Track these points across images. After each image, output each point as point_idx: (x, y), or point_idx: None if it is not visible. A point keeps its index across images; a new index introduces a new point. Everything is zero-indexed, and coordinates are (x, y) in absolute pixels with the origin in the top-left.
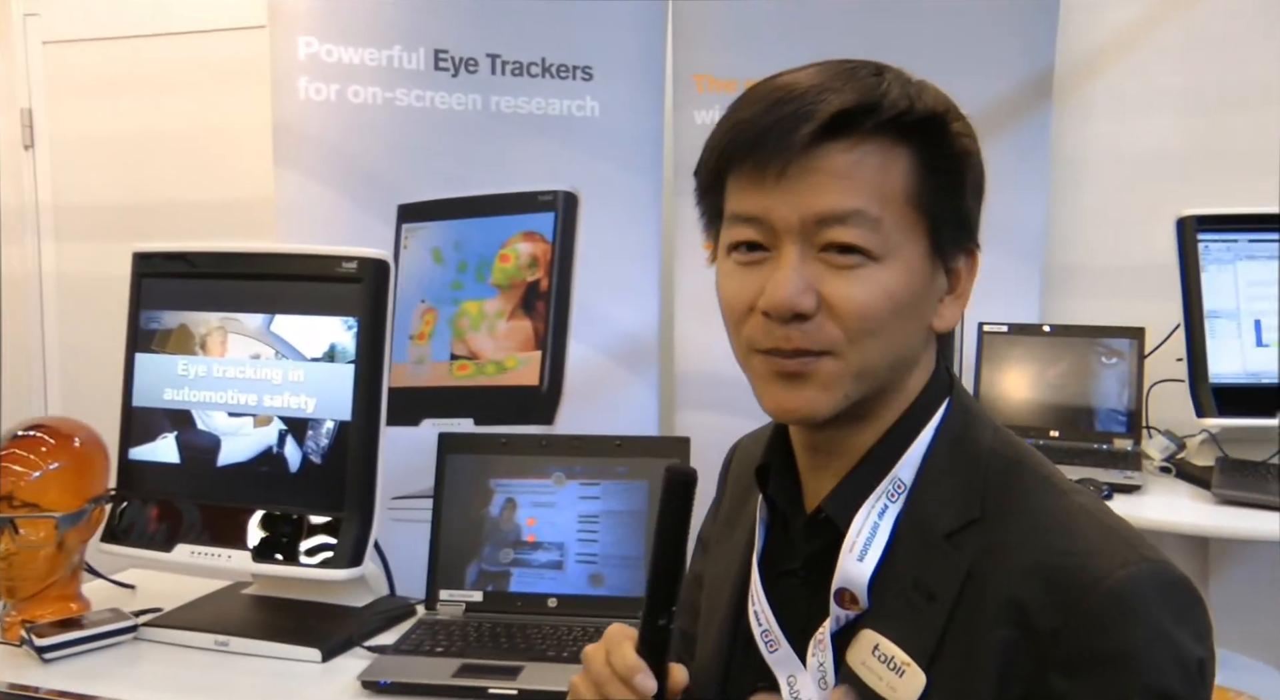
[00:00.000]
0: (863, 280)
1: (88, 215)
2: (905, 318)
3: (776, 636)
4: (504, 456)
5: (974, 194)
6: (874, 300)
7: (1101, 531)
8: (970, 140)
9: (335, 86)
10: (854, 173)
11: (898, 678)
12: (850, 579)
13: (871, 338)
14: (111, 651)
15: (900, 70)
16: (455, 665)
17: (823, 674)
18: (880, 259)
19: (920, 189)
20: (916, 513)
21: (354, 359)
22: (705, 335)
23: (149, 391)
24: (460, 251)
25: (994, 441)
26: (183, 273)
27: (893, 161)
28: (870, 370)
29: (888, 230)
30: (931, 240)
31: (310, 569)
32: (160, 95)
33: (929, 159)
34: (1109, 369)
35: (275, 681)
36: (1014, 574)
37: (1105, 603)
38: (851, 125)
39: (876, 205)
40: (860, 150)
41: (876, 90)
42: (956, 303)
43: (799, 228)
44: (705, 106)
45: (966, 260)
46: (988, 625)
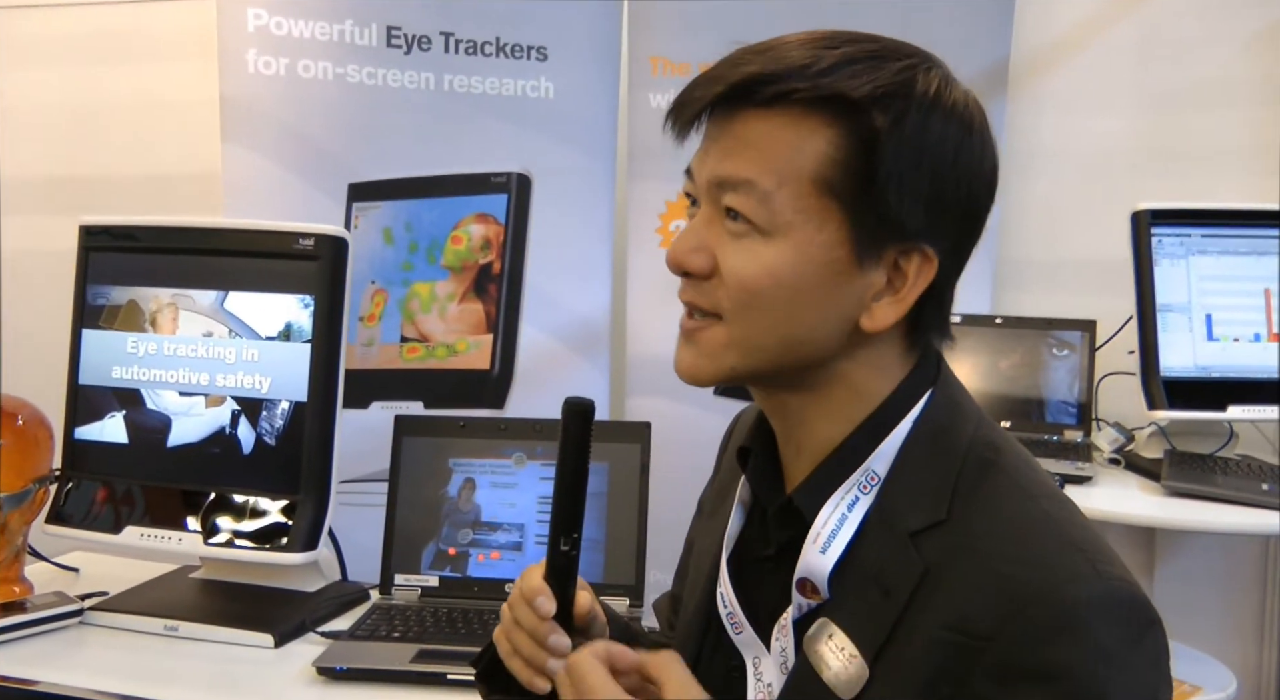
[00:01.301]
0: (747, 252)
1: (29, 188)
2: (798, 301)
3: (740, 619)
4: (461, 439)
5: (911, 190)
6: (754, 275)
7: (1058, 543)
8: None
9: (285, 60)
10: (762, 143)
11: (845, 667)
12: (811, 570)
13: (753, 311)
14: (56, 636)
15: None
16: (413, 651)
17: (784, 659)
18: (768, 233)
19: (833, 175)
20: (886, 508)
21: (310, 338)
22: (657, 320)
23: (96, 369)
24: (411, 232)
25: (974, 438)
26: (133, 247)
27: (806, 139)
28: (755, 345)
29: (779, 207)
30: (852, 233)
31: (264, 553)
32: (105, 65)
33: (844, 143)
34: (1060, 361)
35: (227, 667)
36: (964, 580)
37: (1046, 614)
38: (759, 93)
39: (772, 179)
40: (773, 121)
41: (805, 62)
42: (895, 306)
43: (706, 187)
44: (660, 89)
45: (921, 263)
46: (932, 626)
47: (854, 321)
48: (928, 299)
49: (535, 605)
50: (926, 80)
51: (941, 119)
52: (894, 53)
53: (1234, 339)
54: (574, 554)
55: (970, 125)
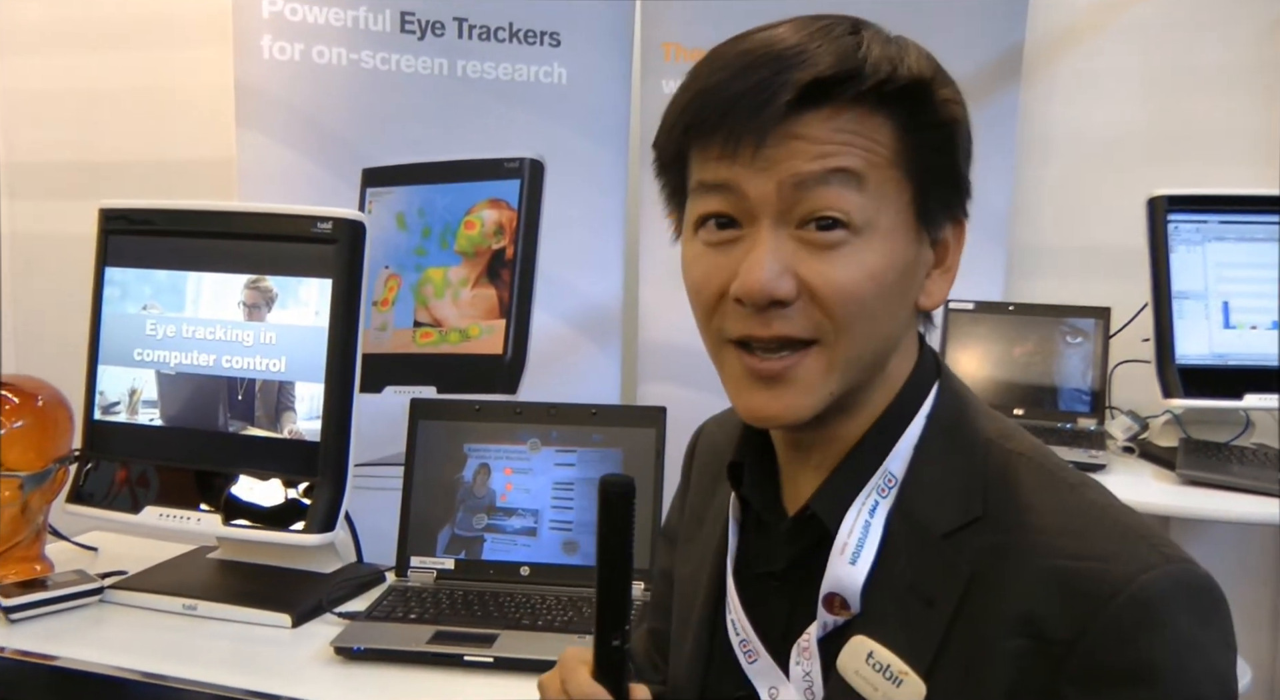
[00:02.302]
0: (844, 260)
1: (42, 172)
2: (892, 298)
3: (755, 647)
4: (477, 423)
5: (965, 158)
6: (857, 281)
7: (1118, 531)
8: (958, 105)
9: (300, 46)
10: (834, 138)
11: (895, 687)
12: (841, 584)
13: (858, 323)
14: (77, 613)
15: (878, 28)
16: (429, 632)
17: (809, 684)
18: (862, 232)
19: (906, 151)
20: (910, 509)
21: (328, 321)
22: (669, 306)
23: (115, 351)
24: (425, 217)
25: (991, 430)
26: (151, 230)
27: (876, 127)
28: (857, 360)
29: (872, 194)
30: (918, 207)
31: (282, 534)
32: (119, 50)
33: (915, 124)
34: (1073, 348)
35: (245, 646)
36: (1024, 580)
37: (1128, 612)
38: (830, 94)
39: (862, 164)
40: (841, 118)
41: (856, 54)
42: (944, 277)
43: (775, 199)
44: (673, 76)
45: (955, 230)
46: (995, 635)
47: (916, 303)
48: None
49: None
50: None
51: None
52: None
53: (1251, 326)
54: (626, 648)
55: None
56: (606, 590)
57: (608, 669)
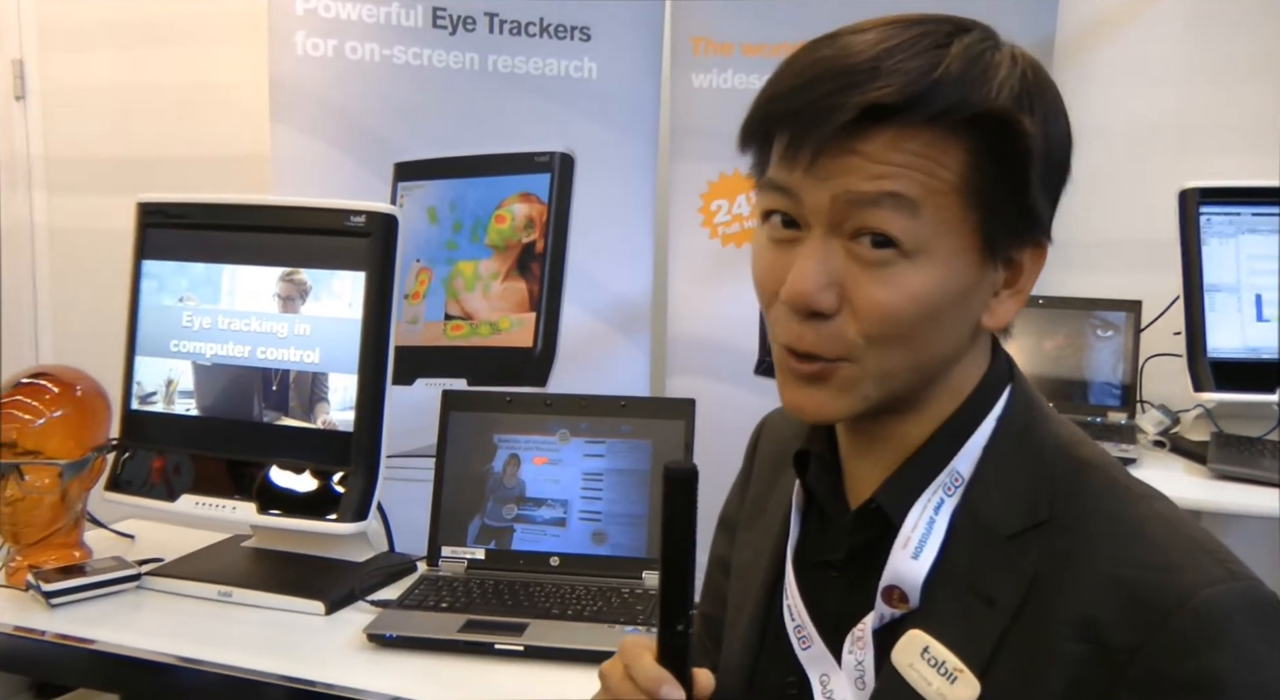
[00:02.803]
0: (890, 281)
1: (80, 167)
2: (937, 321)
3: (810, 633)
4: (507, 414)
5: (1045, 185)
6: (899, 304)
7: (1185, 543)
8: (1042, 136)
9: (333, 42)
10: (893, 159)
11: (948, 684)
12: (902, 577)
13: (893, 344)
14: (115, 599)
15: (979, 35)
16: (460, 621)
17: (861, 673)
18: (912, 255)
19: (976, 180)
20: (975, 509)
21: (361, 313)
22: (698, 300)
23: (153, 342)
24: (456, 211)
25: (1060, 438)
26: (188, 224)
27: (944, 152)
28: (891, 375)
29: (927, 219)
30: (984, 235)
31: (316, 522)
32: (155, 47)
33: (986, 153)
34: (1104, 342)
35: (279, 632)
36: (1087, 585)
37: (1192, 623)
38: (892, 118)
39: (918, 191)
40: (906, 140)
41: (929, 76)
42: (1014, 298)
43: (829, 210)
44: (703, 69)
45: (1033, 252)
46: (1055, 638)
47: (976, 322)
48: None
49: (661, 696)
50: (1028, 60)
51: (1054, 98)
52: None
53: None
54: (690, 632)
55: (1060, 102)
56: (670, 576)
57: (672, 654)
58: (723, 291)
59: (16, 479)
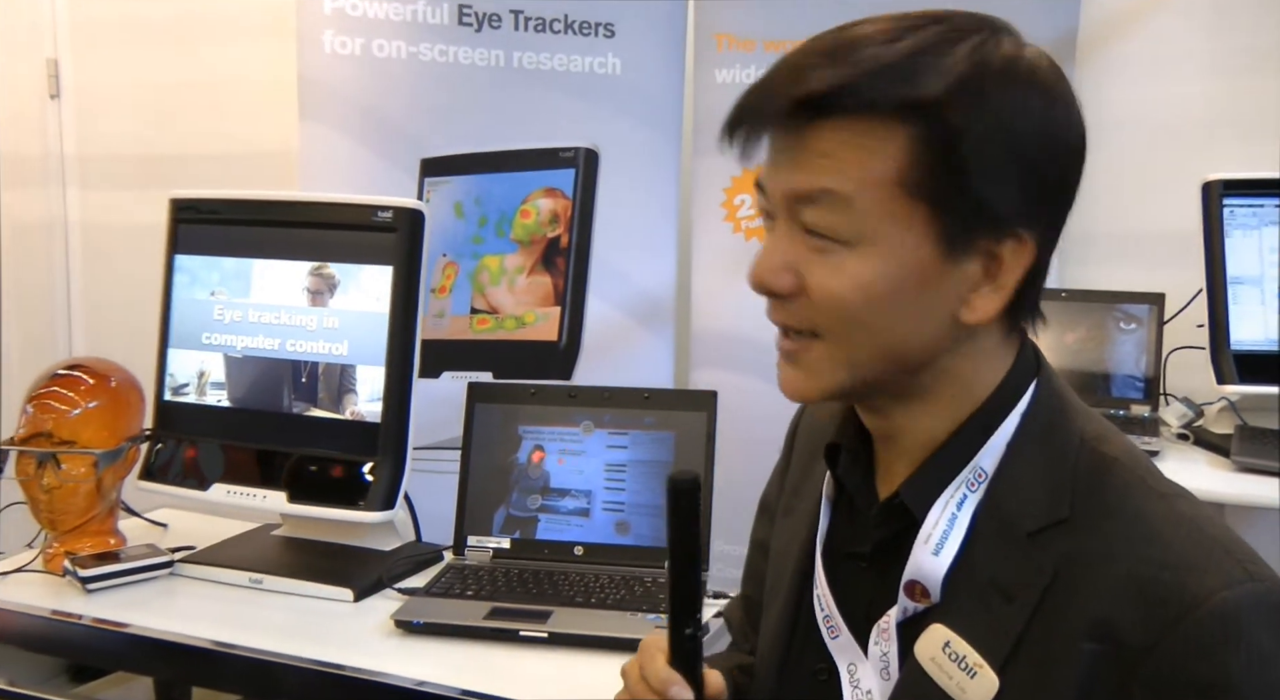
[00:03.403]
0: (835, 267)
1: (112, 164)
2: (892, 310)
3: (838, 623)
4: (532, 406)
5: (1005, 177)
6: (844, 290)
7: (1204, 543)
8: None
9: (360, 40)
10: (836, 151)
11: (968, 678)
12: (923, 573)
13: (850, 327)
14: (149, 585)
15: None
16: (486, 608)
17: (885, 664)
18: (853, 244)
19: (915, 172)
20: (997, 505)
21: (388, 306)
22: (722, 294)
23: (185, 334)
24: (481, 206)
25: (1086, 433)
26: (219, 219)
27: (883, 142)
28: (858, 360)
29: (862, 214)
30: (942, 229)
31: (345, 510)
32: (186, 47)
33: (926, 143)
34: (1127, 335)
35: (309, 619)
36: (1105, 584)
37: (1207, 624)
38: (833, 107)
39: (852, 187)
40: (847, 130)
41: (865, 67)
42: (996, 294)
43: (783, 202)
44: (725, 65)
45: (1014, 245)
46: (1071, 635)
47: (954, 316)
48: (1024, 282)
49: (670, 696)
50: (999, 55)
51: (1020, 94)
52: (961, 30)
53: None
54: (700, 636)
55: (1051, 93)
56: (678, 582)
57: (682, 656)
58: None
59: (53, 467)
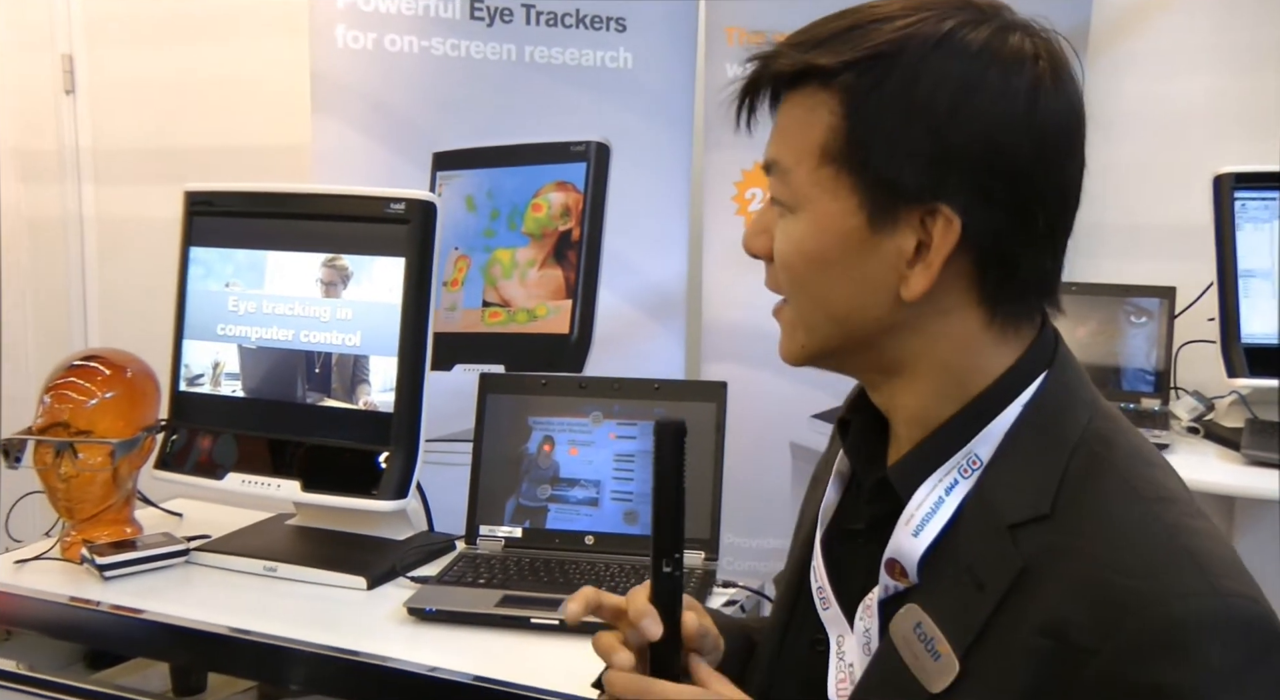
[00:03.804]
0: (782, 231)
1: (126, 159)
2: (828, 274)
3: (829, 596)
4: (543, 397)
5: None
6: (786, 252)
7: (1174, 552)
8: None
9: (373, 35)
10: (785, 124)
11: (933, 660)
12: (902, 552)
13: (798, 288)
14: (165, 573)
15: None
16: (498, 596)
17: (868, 640)
18: (795, 210)
19: (833, 144)
20: (986, 495)
21: (401, 297)
22: (732, 287)
23: (199, 326)
24: (493, 200)
25: (1086, 429)
26: (233, 212)
27: (813, 113)
28: (811, 323)
29: (798, 183)
30: (863, 199)
31: (359, 499)
32: (199, 42)
33: (844, 113)
34: (1137, 328)
35: (322, 606)
36: (1065, 583)
37: (1151, 632)
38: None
39: (791, 157)
40: (794, 102)
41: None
42: (924, 272)
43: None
44: (736, 59)
45: (943, 225)
46: (1030, 631)
47: (895, 292)
48: (987, 263)
49: (641, 627)
50: (936, 28)
51: (940, 65)
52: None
53: None
54: (678, 575)
55: (988, 67)
56: (660, 521)
57: (661, 594)
58: (757, 279)
59: (70, 457)
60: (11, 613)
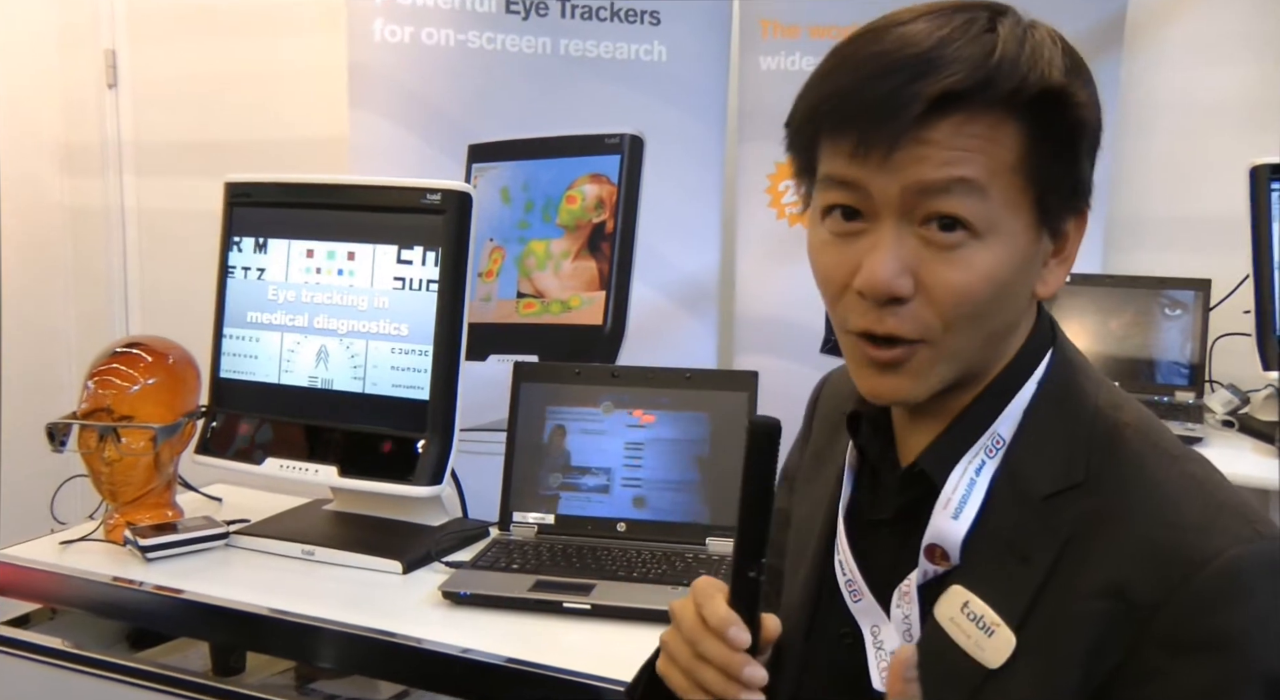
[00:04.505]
0: (963, 263)
1: (167, 152)
2: (1006, 296)
3: (860, 587)
4: (576, 386)
5: (1090, 156)
6: (973, 285)
7: (1213, 505)
8: (1089, 109)
9: (410, 28)
10: (961, 144)
11: (986, 637)
12: (943, 537)
13: (968, 322)
14: (206, 555)
15: (1016, 17)
16: (530, 581)
17: (908, 626)
18: (983, 235)
19: (1032, 159)
20: (1015, 471)
21: (436, 287)
22: (765, 279)
23: (240, 314)
24: (528, 192)
25: (1100, 399)
26: (272, 202)
27: (1002, 133)
28: (964, 353)
29: (994, 201)
30: (1038, 209)
31: (395, 485)
32: (239, 36)
33: (1044, 130)
34: (1172, 321)
35: (359, 589)
36: (1117, 545)
37: (1213, 582)
38: (960, 103)
39: (984, 174)
40: (970, 125)
41: (989, 60)
42: (1061, 267)
43: (899, 200)
44: (771, 52)
45: (1076, 222)
46: (1085, 595)
47: (1032, 292)
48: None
49: (729, 636)
50: (1061, 39)
51: (1088, 79)
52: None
53: None
54: (761, 579)
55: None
56: (746, 524)
57: (743, 597)
58: (790, 271)
59: (114, 441)
60: (57, 592)
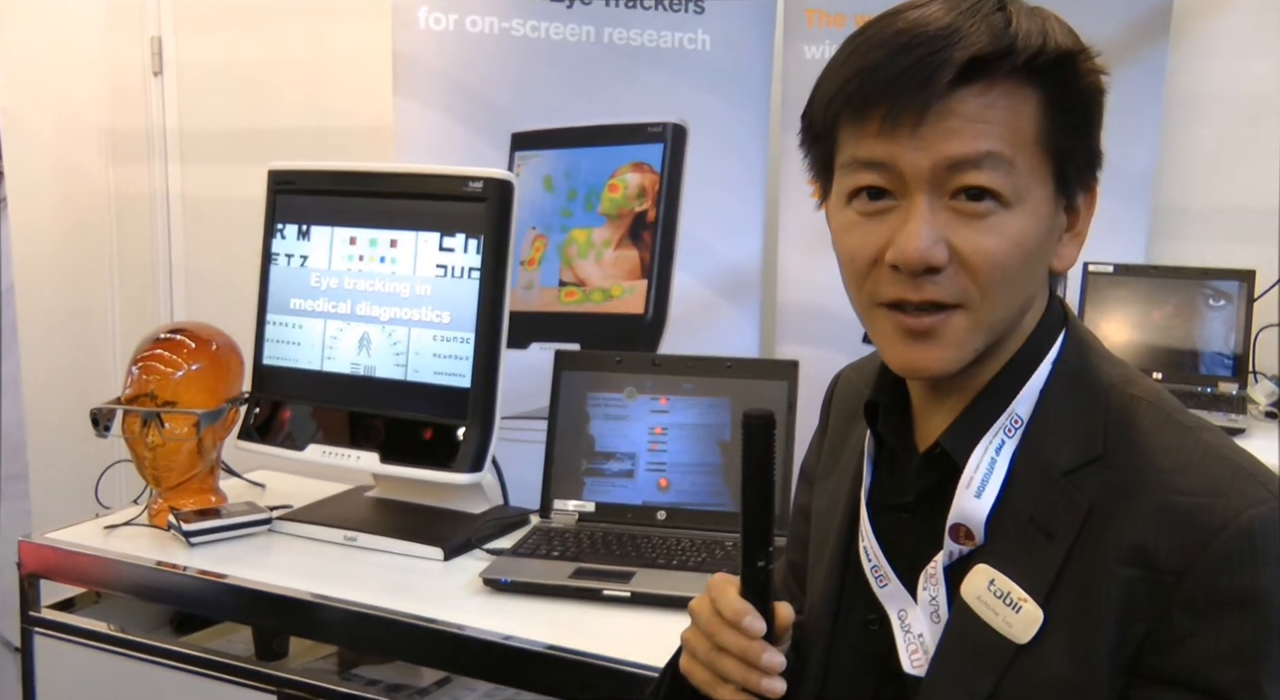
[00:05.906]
0: (994, 229)
1: (211, 139)
2: (1033, 264)
3: (886, 572)
4: (616, 374)
5: (1100, 126)
6: (1005, 251)
7: (1229, 470)
8: (1099, 75)
9: (454, 16)
10: (987, 116)
11: (1014, 613)
12: (967, 515)
13: (1003, 288)
14: (249, 540)
15: (1020, 2)
16: (571, 568)
17: (935, 608)
18: (1011, 205)
19: (1049, 128)
20: (1034, 448)
21: (478, 275)
22: (808, 268)
23: (283, 301)
24: (570, 180)
25: (1113, 375)
26: (315, 190)
27: (1023, 102)
28: (999, 321)
29: (1020, 173)
30: (1056, 180)
31: (436, 471)
32: (283, 25)
33: (1059, 98)
34: (1216, 312)
35: (400, 576)
36: (1138, 514)
37: (1233, 543)
38: (985, 70)
39: (1009, 147)
40: (992, 93)
41: (1007, 30)
42: (1075, 241)
43: (929, 174)
44: (815, 41)
45: (1086, 197)
46: (1109, 565)
47: (1049, 266)
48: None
49: (744, 626)
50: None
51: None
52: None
53: None
54: (771, 568)
55: None
56: (751, 514)
57: (754, 586)
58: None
59: (157, 427)
60: (102, 576)
